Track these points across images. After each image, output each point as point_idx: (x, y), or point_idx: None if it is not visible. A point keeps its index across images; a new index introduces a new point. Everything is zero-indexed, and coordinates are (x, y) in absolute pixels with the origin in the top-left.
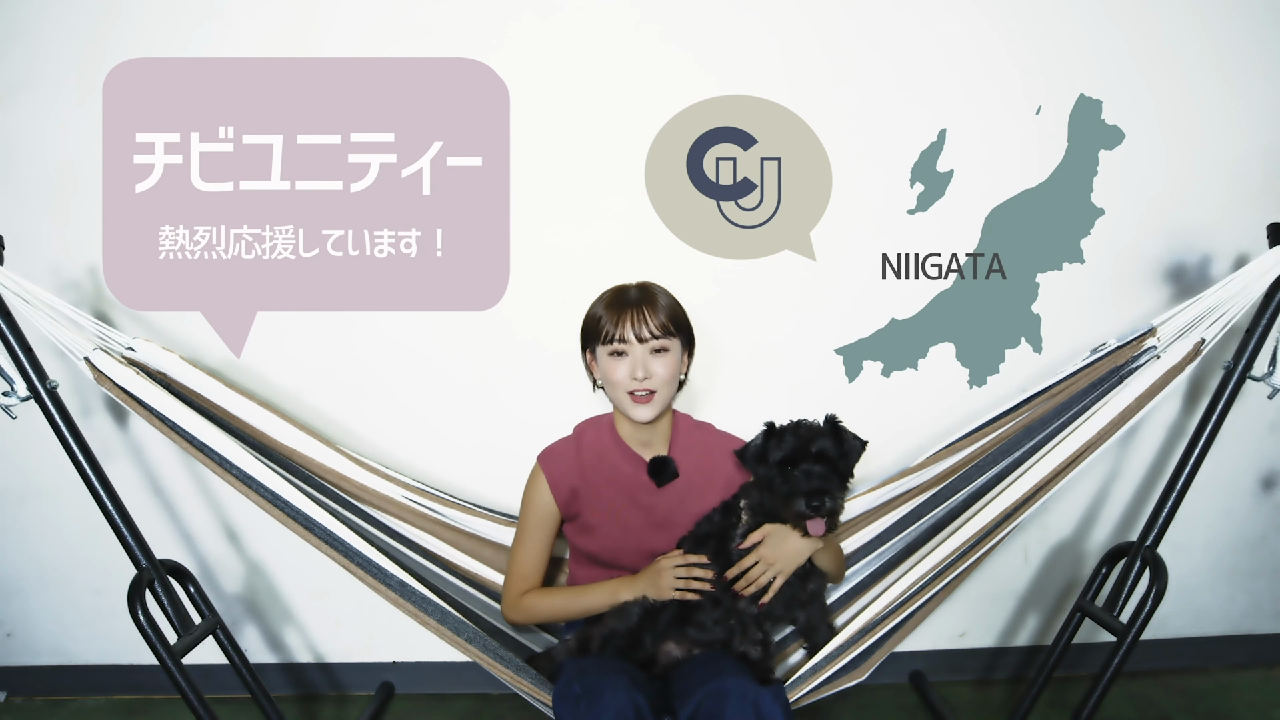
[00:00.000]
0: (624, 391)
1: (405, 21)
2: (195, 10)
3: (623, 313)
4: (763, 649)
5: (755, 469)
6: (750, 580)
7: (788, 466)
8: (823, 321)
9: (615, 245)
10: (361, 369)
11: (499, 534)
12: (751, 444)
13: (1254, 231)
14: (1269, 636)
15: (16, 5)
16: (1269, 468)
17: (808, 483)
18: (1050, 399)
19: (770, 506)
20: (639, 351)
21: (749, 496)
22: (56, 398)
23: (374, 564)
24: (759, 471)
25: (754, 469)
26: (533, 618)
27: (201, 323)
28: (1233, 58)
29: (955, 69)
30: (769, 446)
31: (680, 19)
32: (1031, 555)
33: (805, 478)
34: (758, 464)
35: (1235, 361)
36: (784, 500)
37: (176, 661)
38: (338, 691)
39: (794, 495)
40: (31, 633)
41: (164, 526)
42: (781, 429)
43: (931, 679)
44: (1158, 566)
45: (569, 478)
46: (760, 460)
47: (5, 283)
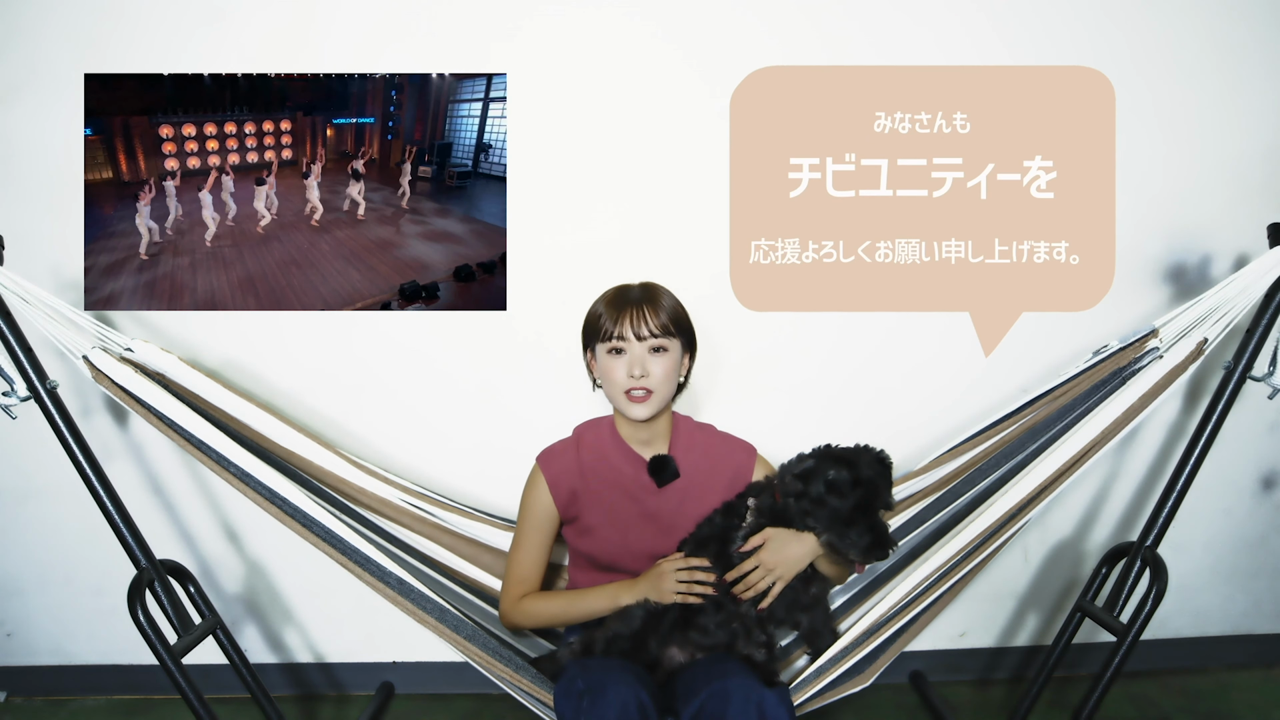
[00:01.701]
0: (621, 390)
1: (405, 22)
2: (196, 12)
3: (623, 311)
4: (767, 651)
5: (817, 495)
6: (749, 584)
7: (858, 513)
8: (823, 322)
9: (616, 245)
10: (361, 369)
11: (498, 539)
12: (829, 475)
13: (1254, 231)
14: (1269, 636)
15: (16, 5)
16: (1269, 468)
17: (876, 538)
18: (1053, 401)
19: (813, 527)
20: (637, 350)
21: (759, 497)
22: (56, 398)
23: (373, 562)
24: (820, 498)
25: (814, 494)
26: (532, 621)
27: (201, 322)
28: (1233, 58)
29: (953, 67)
30: (840, 485)
31: (676, 18)
32: (1031, 555)
33: (875, 532)
34: (829, 494)
35: (1235, 362)
36: (836, 534)
37: (176, 661)
38: (338, 691)
39: (859, 546)
40: (31, 633)
41: (164, 526)
42: (858, 479)
43: (931, 679)
44: (1158, 567)
45: (568, 478)
46: (833, 495)
47: (5, 283)
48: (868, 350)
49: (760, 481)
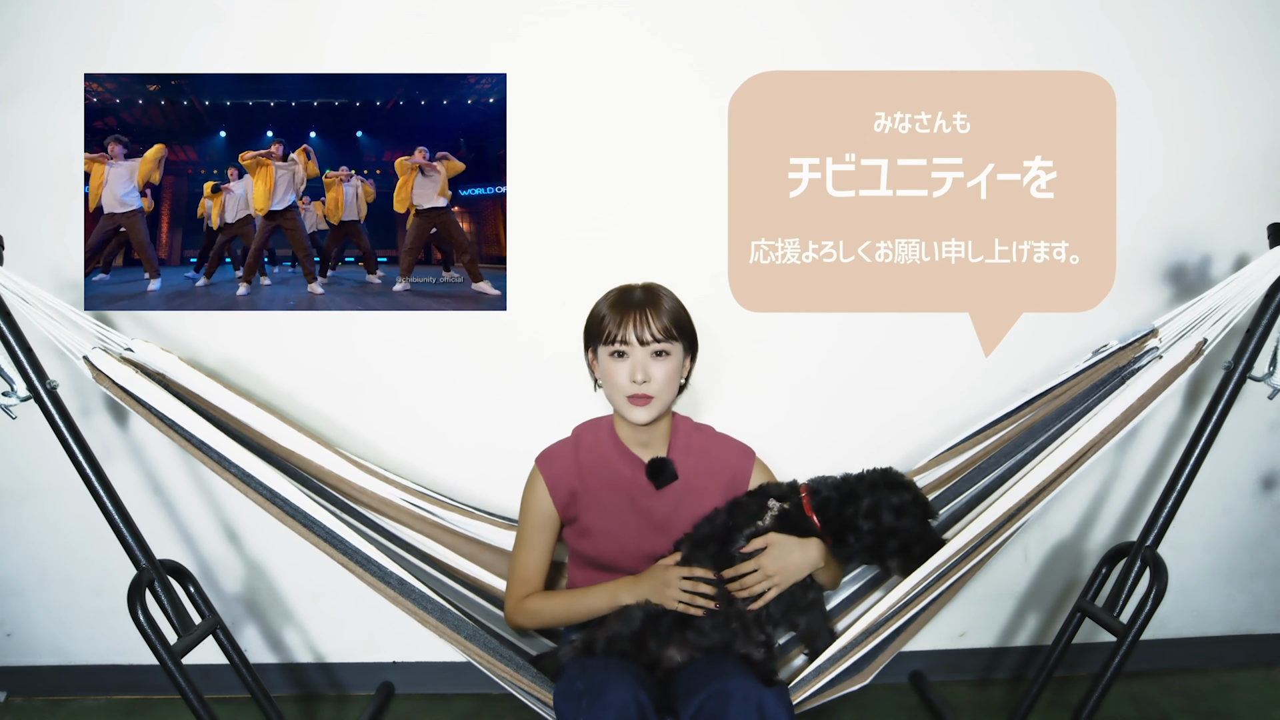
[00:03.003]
0: (623, 394)
1: (405, 22)
2: (196, 12)
3: (626, 314)
4: (765, 651)
5: (890, 526)
6: (744, 585)
7: (924, 526)
8: (824, 322)
9: (616, 244)
10: (361, 369)
11: (499, 538)
12: (893, 501)
13: (1254, 231)
14: (1269, 636)
15: (16, 5)
16: (1269, 468)
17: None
18: (1052, 400)
19: (852, 551)
20: (640, 354)
21: (785, 501)
22: (56, 398)
23: (373, 562)
24: (893, 527)
25: (888, 524)
26: (536, 621)
27: (201, 323)
28: (1233, 57)
29: (954, 67)
30: (905, 508)
31: (676, 18)
32: (1031, 555)
33: (935, 537)
34: (899, 519)
35: (1235, 362)
36: (906, 553)
37: (176, 661)
38: (338, 691)
39: (929, 547)
40: (31, 633)
41: (164, 526)
42: (914, 497)
43: (931, 679)
44: (1158, 566)
45: (568, 480)
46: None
47: (5, 283)
48: (868, 350)
49: (780, 485)
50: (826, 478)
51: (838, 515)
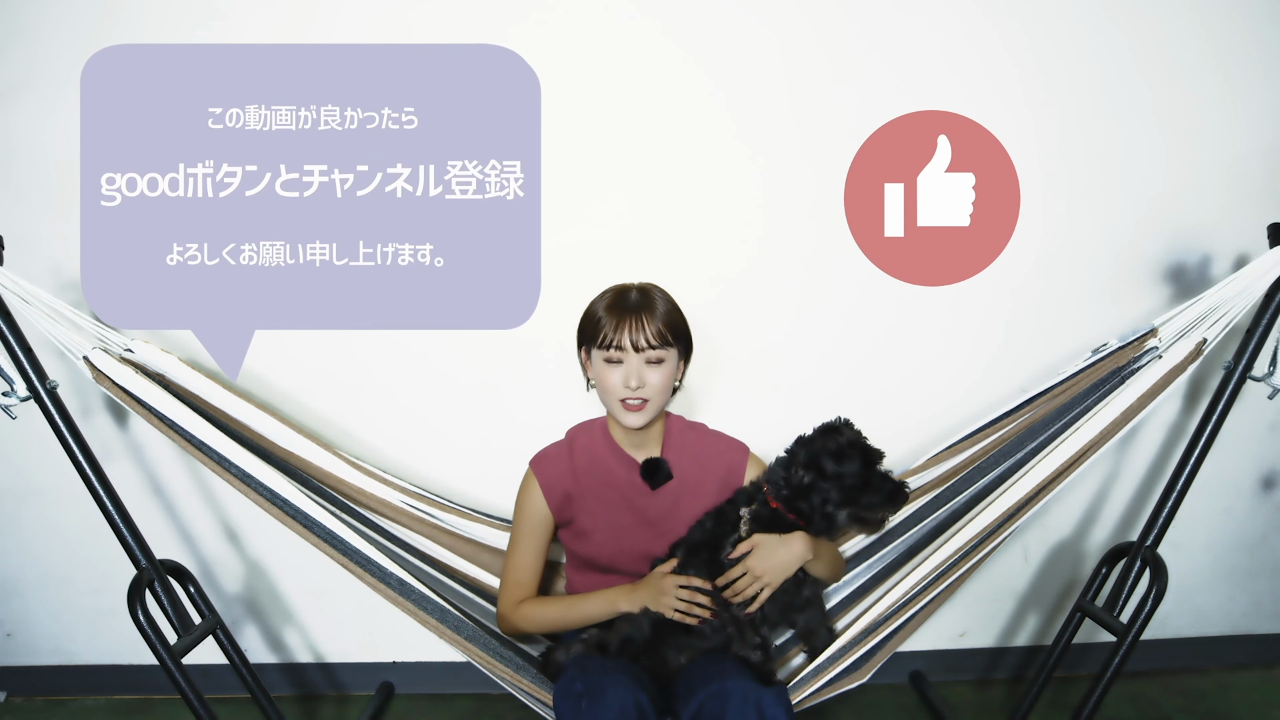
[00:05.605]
0: (616, 399)
1: (406, 22)
2: (195, 11)
3: (622, 318)
4: (763, 651)
5: (833, 472)
6: (737, 590)
7: (867, 470)
8: (823, 322)
9: (615, 245)
10: (361, 369)
11: (498, 539)
12: (829, 447)
13: (1254, 231)
14: (1269, 636)
15: (16, 5)
16: (1269, 468)
17: (892, 484)
18: (1052, 400)
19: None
20: (634, 361)
21: (752, 506)
22: (56, 398)
23: (373, 562)
24: (836, 473)
25: (831, 471)
26: (530, 626)
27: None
28: (1233, 58)
29: (954, 66)
30: (843, 451)
31: (680, 18)
32: (1031, 555)
33: (888, 479)
34: (840, 464)
35: (1235, 362)
36: (857, 503)
37: (176, 661)
38: (338, 691)
39: (882, 494)
40: (31, 633)
41: (164, 526)
42: (851, 440)
43: (931, 679)
44: (1158, 566)
45: (562, 482)
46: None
47: (5, 283)
48: (868, 350)
49: (748, 489)
50: (790, 457)
51: (794, 491)
